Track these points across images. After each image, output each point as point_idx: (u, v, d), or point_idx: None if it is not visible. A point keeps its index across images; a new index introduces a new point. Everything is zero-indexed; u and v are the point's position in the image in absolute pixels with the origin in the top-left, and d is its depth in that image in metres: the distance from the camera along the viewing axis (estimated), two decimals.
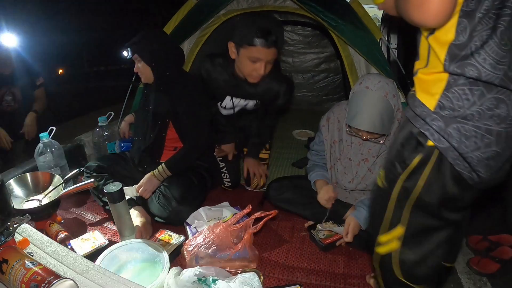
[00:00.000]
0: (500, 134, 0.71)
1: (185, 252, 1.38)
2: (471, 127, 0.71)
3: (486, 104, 0.70)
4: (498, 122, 0.70)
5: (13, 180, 1.56)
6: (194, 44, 2.30)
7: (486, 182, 0.77)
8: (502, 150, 0.73)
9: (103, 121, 2.09)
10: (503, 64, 0.67)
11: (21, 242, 0.90)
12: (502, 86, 0.68)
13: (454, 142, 0.72)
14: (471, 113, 0.71)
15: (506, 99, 0.70)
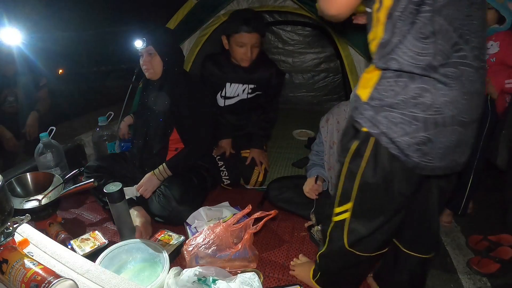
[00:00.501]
0: (427, 120, 0.77)
1: (185, 252, 1.38)
2: (398, 114, 0.79)
3: (410, 93, 0.77)
4: (423, 110, 0.77)
5: (13, 180, 1.56)
6: (194, 44, 2.30)
7: (428, 169, 0.82)
8: (434, 136, 0.78)
9: (103, 121, 2.09)
10: (425, 55, 0.74)
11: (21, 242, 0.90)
12: (424, 75, 0.75)
13: (383, 128, 0.81)
14: (397, 102, 0.79)
15: (431, 88, 0.76)
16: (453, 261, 1.53)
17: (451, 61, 0.74)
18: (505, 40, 1.48)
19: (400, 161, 0.82)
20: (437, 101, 0.76)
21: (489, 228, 1.70)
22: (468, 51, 0.74)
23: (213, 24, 2.23)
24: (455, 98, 0.76)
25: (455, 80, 0.75)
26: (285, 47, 3.44)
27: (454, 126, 0.78)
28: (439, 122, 0.77)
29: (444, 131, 0.78)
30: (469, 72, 0.75)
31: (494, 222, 1.77)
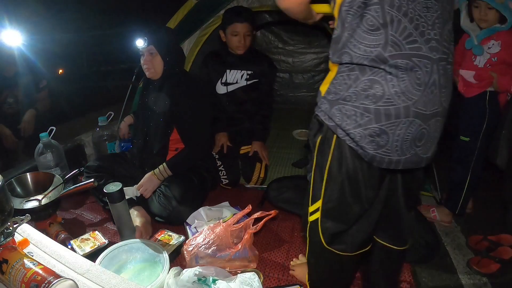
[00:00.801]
0: (378, 111, 0.77)
1: (185, 252, 1.38)
2: (350, 107, 0.80)
3: (361, 86, 0.78)
4: (374, 101, 0.77)
5: (13, 180, 1.56)
6: (194, 44, 2.30)
7: (386, 162, 0.81)
8: (388, 128, 0.78)
9: (103, 121, 2.09)
10: (374, 47, 0.75)
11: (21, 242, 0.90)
12: (374, 66, 0.76)
13: (337, 121, 0.83)
14: (349, 94, 0.81)
15: (381, 79, 0.76)
16: (453, 261, 1.53)
17: (403, 52, 0.74)
18: (506, 40, 1.48)
19: (359, 155, 0.83)
20: (387, 92, 0.76)
21: (489, 228, 1.69)
22: (422, 43, 0.74)
23: (213, 24, 2.23)
24: (407, 88, 0.76)
25: (407, 71, 0.75)
26: (285, 47, 3.44)
27: (410, 118, 0.77)
28: (392, 113, 0.77)
29: (400, 123, 0.77)
30: (424, 64, 0.75)
31: (494, 222, 1.77)
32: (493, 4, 1.44)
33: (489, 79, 1.53)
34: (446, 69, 0.79)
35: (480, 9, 1.49)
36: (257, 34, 3.33)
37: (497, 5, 1.44)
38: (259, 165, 2.07)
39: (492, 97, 1.56)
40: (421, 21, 0.74)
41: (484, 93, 1.57)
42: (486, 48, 1.52)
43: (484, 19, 1.49)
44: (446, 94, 0.81)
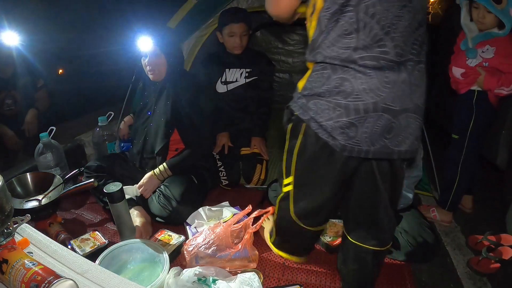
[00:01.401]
0: (348, 106, 0.86)
1: (185, 252, 1.38)
2: (324, 101, 0.89)
3: (333, 83, 0.87)
4: (345, 97, 0.86)
5: (13, 180, 1.56)
6: (194, 44, 2.30)
7: (356, 151, 0.89)
8: (358, 121, 0.86)
9: (103, 121, 2.09)
10: (346, 49, 0.84)
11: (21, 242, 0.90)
12: (344, 66, 0.85)
13: (312, 114, 0.92)
14: (323, 91, 0.89)
15: (350, 77, 0.85)
16: (453, 261, 1.53)
17: (372, 55, 0.83)
18: (501, 47, 1.47)
19: (329, 145, 0.92)
20: (356, 89, 0.84)
21: (489, 228, 1.70)
22: (391, 48, 0.82)
23: (213, 24, 2.23)
24: (375, 85, 0.83)
25: (375, 70, 0.83)
26: (285, 47, 3.43)
27: (379, 113, 0.85)
28: (361, 108, 0.85)
29: (368, 117, 0.85)
30: (391, 66, 0.83)
31: (494, 222, 1.77)
32: (491, 9, 1.43)
33: (474, 75, 1.54)
34: (418, 69, 0.87)
35: (479, 11, 1.48)
36: (257, 34, 3.32)
37: (496, 11, 1.43)
38: (260, 166, 2.08)
39: (480, 96, 1.57)
40: (392, 28, 0.82)
41: (472, 92, 1.58)
42: (480, 51, 1.52)
43: (482, 21, 1.49)
44: (418, 92, 0.88)
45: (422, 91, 0.90)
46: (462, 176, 1.67)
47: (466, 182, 1.70)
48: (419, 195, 2.01)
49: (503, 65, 1.47)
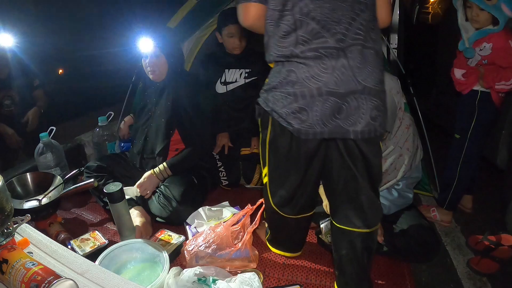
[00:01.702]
0: (296, 93, 0.97)
1: (185, 252, 1.38)
2: (278, 93, 1.01)
3: (283, 76, 0.99)
4: (292, 86, 0.97)
5: (13, 180, 1.56)
6: (194, 44, 2.30)
7: (311, 133, 0.99)
8: (306, 106, 0.96)
9: (103, 121, 2.09)
10: (287, 47, 0.97)
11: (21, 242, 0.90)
12: (289, 60, 0.98)
13: (271, 105, 1.03)
14: (276, 84, 1.01)
15: (295, 69, 0.97)
16: (453, 261, 1.53)
17: (311, 47, 0.94)
18: (498, 43, 1.48)
19: (290, 132, 1.02)
20: (300, 77, 0.96)
21: (489, 228, 1.70)
22: (329, 37, 0.93)
23: (213, 24, 2.23)
24: (316, 73, 0.94)
25: (315, 59, 0.94)
26: None
27: (324, 96, 0.95)
28: (306, 93, 0.95)
29: (315, 101, 0.95)
30: (330, 52, 0.93)
31: (494, 222, 1.77)
32: (483, 6, 1.44)
33: (476, 74, 1.55)
34: (362, 53, 0.95)
35: (472, 9, 1.50)
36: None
37: (487, 7, 1.44)
38: (260, 166, 2.07)
39: (483, 96, 1.57)
40: (328, 21, 0.93)
41: (475, 92, 1.58)
42: (477, 50, 1.53)
43: (476, 19, 1.50)
44: (363, 74, 0.95)
45: (369, 72, 0.95)
46: (461, 175, 1.67)
47: (465, 181, 1.70)
48: (419, 195, 2.01)
49: (502, 60, 1.48)
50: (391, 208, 1.46)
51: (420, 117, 1.91)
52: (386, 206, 1.44)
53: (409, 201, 1.51)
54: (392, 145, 1.41)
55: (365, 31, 0.94)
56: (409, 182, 1.48)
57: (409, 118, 1.44)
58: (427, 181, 1.96)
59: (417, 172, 1.49)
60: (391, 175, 1.46)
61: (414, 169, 1.47)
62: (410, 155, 1.42)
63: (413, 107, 1.90)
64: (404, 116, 1.42)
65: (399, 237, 1.44)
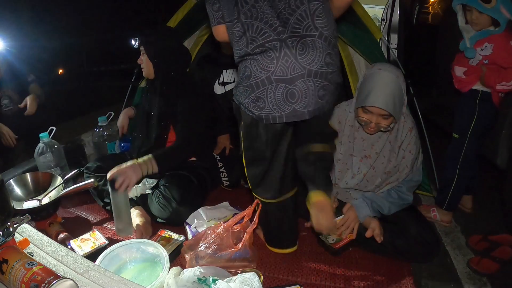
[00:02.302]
0: (252, 85, 1.12)
1: (185, 252, 1.38)
2: (242, 87, 1.16)
3: (242, 72, 1.15)
4: (248, 79, 1.12)
5: (13, 180, 1.56)
6: (194, 45, 2.30)
7: (271, 118, 1.12)
8: (261, 94, 1.10)
9: (103, 121, 2.09)
10: (241, 48, 1.13)
11: (21, 242, 0.90)
12: (244, 59, 1.13)
13: (238, 98, 1.19)
14: (239, 80, 1.17)
15: (248, 65, 1.12)
16: (453, 261, 1.53)
17: (259, 43, 1.08)
18: (499, 43, 1.48)
19: (254, 119, 1.16)
20: (253, 71, 1.10)
21: (489, 228, 1.70)
22: (271, 32, 1.06)
23: None
24: (264, 65, 1.08)
25: (262, 53, 1.08)
26: None
27: (274, 84, 1.08)
28: (260, 83, 1.10)
29: (268, 89, 1.09)
30: (273, 45, 1.06)
31: (494, 222, 1.77)
32: (482, 10, 1.45)
33: (477, 73, 1.55)
34: (303, 41, 1.06)
35: (472, 12, 1.50)
36: None
37: (487, 10, 1.45)
38: None
39: (484, 96, 1.57)
40: (268, 18, 1.06)
41: (476, 92, 1.58)
42: (479, 50, 1.53)
43: (476, 22, 1.51)
44: (306, 59, 1.06)
45: (313, 56, 1.06)
46: (460, 176, 1.67)
47: (464, 181, 1.70)
48: (419, 195, 2.01)
49: (503, 60, 1.49)
50: (391, 208, 1.46)
51: (420, 117, 1.91)
52: (386, 206, 1.45)
53: (408, 203, 1.51)
54: (395, 149, 1.42)
55: (307, 21, 1.06)
56: (410, 185, 1.48)
57: (412, 121, 1.44)
58: (427, 181, 1.96)
59: (418, 175, 1.49)
60: (393, 177, 1.46)
61: (416, 171, 1.47)
62: (412, 158, 1.42)
63: (413, 107, 1.90)
64: (407, 119, 1.42)
65: (399, 237, 1.44)
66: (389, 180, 1.47)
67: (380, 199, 1.45)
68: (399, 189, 1.47)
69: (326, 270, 1.41)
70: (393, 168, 1.44)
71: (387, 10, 3.78)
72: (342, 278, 1.37)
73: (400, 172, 1.44)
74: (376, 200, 1.45)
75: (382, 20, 3.89)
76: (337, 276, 1.38)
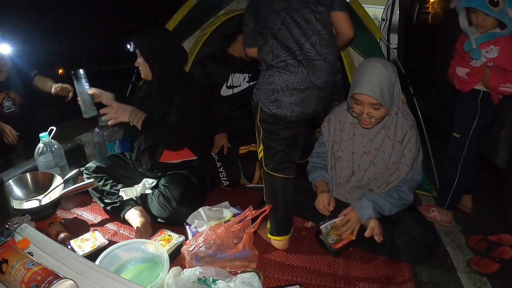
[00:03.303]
0: (273, 90, 1.39)
1: (185, 252, 1.38)
2: (264, 89, 1.42)
3: (266, 78, 1.42)
4: (271, 84, 1.40)
5: (13, 180, 1.56)
6: (194, 44, 2.30)
7: (283, 116, 1.40)
8: (280, 97, 1.38)
9: (103, 121, 2.09)
10: (266, 60, 1.42)
11: (21, 242, 0.90)
12: (268, 69, 1.42)
13: (259, 97, 1.44)
14: (262, 83, 1.44)
15: (273, 74, 1.40)
16: (453, 261, 1.53)
17: (281, 59, 1.38)
18: (505, 47, 1.48)
19: (269, 114, 1.41)
20: (275, 79, 1.39)
21: (489, 228, 1.70)
22: (291, 53, 1.37)
23: (213, 24, 2.23)
24: (284, 76, 1.38)
25: (284, 67, 1.38)
26: None
27: (291, 91, 1.38)
28: (279, 89, 1.38)
29: (285, 94, 1.38)
30: (292, 62, 1.37)
31: (494, 222, 1.77)
32: (490, 13, 1.44)
33: (480, 74, 1.54)
34: (312, 63, 1.37)
35: (478, 15, 1.49)
36: None
37: (495, 13, 1.43)
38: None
39: (485, 97, 1.57)
40: (289, 42, 1.37)
41: (477, 92, 1.58)
42: (484, 52, 1.52)
43: (482, 25, 1.49)
44: (315, 76, 1.38)
45: (318, 75, 1.38)
46: (461, 175, 1.67)
47: (465, 181, 1.70)
48: (419, 195, 2.01)
49: (509, 64, 1.48)
50: (392, 209, 1.46)
51: (420, 117, 1.91)
52: (387, 207, 1.44)
53: (409, 203, 1.51)
54: (395, 145, 1.42)
55: (316, 48, 1.37)
56: (410, 185, 1.48)
57: (412, 119, 1.44)
58: (427, 181, 1.96)
59: (418, 174, 1.49)
60: (393, 176, 1.46)
61: (416, 170, 1.47)
62: (412, 156, 1.42)
63: (413, 107, 1.90)
64: (407, 117, 1.43)
65: (399, 237, 1.44)
66: (389, 179, 1.47)
67: (382, 200, 1.45)
68: (400, 189, 1.47)
69: (326, 270, 1.41)
70: (393, 165, 1.44)
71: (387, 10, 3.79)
72: (342, 278, 1.37)
73: (400, 171, 1.44)
74: (377, 201, 1.45)
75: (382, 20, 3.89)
76: (337, 276, 1.38)
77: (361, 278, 1.37)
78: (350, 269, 1.41)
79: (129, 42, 1.68)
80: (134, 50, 1.71)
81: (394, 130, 1.42)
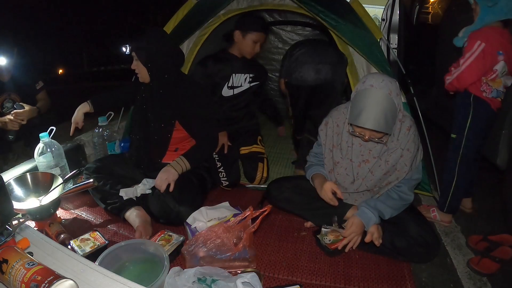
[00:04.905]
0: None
1: (185, 252, 1.38)
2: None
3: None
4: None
5: (13, 180, 1.56)
6: (194, 44, 2.30)
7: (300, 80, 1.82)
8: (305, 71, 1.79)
9: (103, 121, 2.09)
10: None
11: (21, 242, 0.90)
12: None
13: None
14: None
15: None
16: (453, 261, 1.53)
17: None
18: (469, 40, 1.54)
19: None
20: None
21: (489, 228, 1.70)
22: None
23: (213, 24, 2.23)
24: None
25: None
26: (285, 47, 3.43)
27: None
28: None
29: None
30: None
31: (494, 222, 1.77)
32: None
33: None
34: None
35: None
36: None
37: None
38: (262, 164, 2.10)
39: (477, 96, 1.57)
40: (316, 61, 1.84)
41: (469, 91, 1.59)
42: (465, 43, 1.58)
43: (475, 12, 1.58)
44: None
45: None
46: (459, 177, 1.66)
47: (464, 183, 1.69)
48: (419, 195, 2.01)
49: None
50: (393, 213, 1.45)
51: (420, 117, 1.91)
52: (388, 212, 1.44)
53: (409, 202, 1.51)
54: (394, 147, 1.41)
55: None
56: (410, 184, 1.48)
57: (410, 119, 1.44)
58: (427, 181, 1.96)
59: (417, 173, 1.49)
60: (392, 176, 1.46)
61: (415, 170, 1.47)
62: (411, 156, 1.41)
63: (413, 107, 1.90)
64: (405, 118, 1.41)
65: (399, 237, 1.44)
66: (388, 179, 1.46)
67: (383, 206, 1.44)
68: (400, 189, 1.47)
69: (326, 270, 1.41)
70: (391, 168, 1.44)
71: (387, 10, 3.78)
72: (342, 278, 1.37)
73: (399, 171, 1.44)
74: (379, 207, 1.44)
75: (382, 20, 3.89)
76: (337, 276, 1.38)
77: (361, 278, 1.37)
78: (350, 269, 1.41)
79: (125, 45, 1.66)
80: (130, 53, 1.69)
81: (396, 138, 1.41)
